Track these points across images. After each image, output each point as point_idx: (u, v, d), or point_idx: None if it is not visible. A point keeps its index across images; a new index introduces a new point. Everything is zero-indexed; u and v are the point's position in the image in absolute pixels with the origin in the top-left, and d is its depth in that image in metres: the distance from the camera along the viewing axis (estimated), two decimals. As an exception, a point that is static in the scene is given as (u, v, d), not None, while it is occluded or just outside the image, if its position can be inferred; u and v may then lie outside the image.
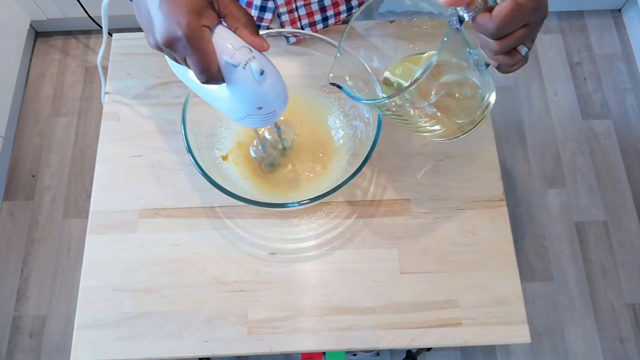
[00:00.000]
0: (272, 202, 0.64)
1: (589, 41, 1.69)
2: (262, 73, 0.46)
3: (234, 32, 0.47)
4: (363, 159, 0.59)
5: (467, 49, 0.49)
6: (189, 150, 0.59)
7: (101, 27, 0.64)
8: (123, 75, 0.76)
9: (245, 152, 0.69)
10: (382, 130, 0.60)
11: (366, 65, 0.60)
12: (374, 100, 0.50)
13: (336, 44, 0.58)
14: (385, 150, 0.71)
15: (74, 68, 1.67)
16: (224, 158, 0.68)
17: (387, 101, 0.48)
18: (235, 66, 0.46)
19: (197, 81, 0.48)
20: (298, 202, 0.58)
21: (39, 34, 1.72)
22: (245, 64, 0.46)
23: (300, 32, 0.68)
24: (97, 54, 0.65)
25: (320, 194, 0.58)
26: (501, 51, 0.44)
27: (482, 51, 0.47)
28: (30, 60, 1.69)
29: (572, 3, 1.71)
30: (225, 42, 0.46)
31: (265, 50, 0.48)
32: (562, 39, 1.69)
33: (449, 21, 0.44)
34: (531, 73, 1.64)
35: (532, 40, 0.45)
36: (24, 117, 1.60)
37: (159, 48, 0.46)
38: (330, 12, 0.74)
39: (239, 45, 0.46)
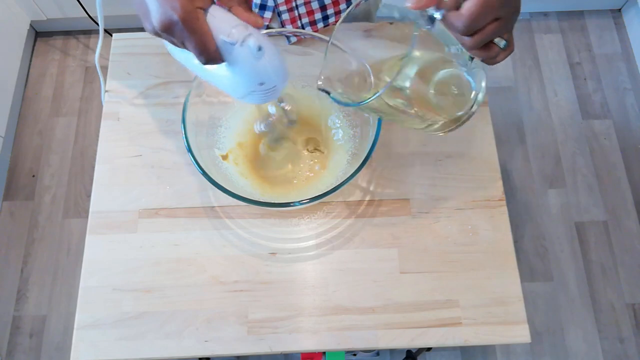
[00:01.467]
0: (272, 201, 0.64)
1: (589, 41, 1.69)
2: (260, 49, 0.46)
3: (228, 10, 0.47)
4: (363, 159, 0.59)
5: (448, 46, 0.49)
6: (189, 150, 0.59)
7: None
8: (123, 75, 0.76)
9: (245, 152, 0.69)
10: (382, 130, 0.60)
11: (366, 64, 0.60)
12: (357, 102, 0.49)
13: (337, 44, 0.58)
14: (385, 150, 0.71)
15: (74, 68, 1.67)
16: (224, 158, 0.68)
17: (379, 103, 0.48)
18: (232, 44, 0.46)
19: (198, 63, 0.48)
20: (298, 202, 0.58)
21: (39, 34, 1.72)
22: (242, 41, 0.46)
23: (301, 32, 0.68)
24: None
25: (320, 193, 0.58)
26: (475, 47, 0.45)
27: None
28: (30, 60, 1.69)
29: (572, 3, 1.71)
30: (221, 22, 0.46)
31: (260, 27, 0.48)
32: (562, 39, 1.69)
33: (416, 23, 0.44)
34: (531, 73, 1.64)
35: (509, 32, 0.46)
36: (24, 117, 1.60)
37: (156, 34, 0.46)
38: (330, 11, 0.74)
39: (235, 23, 0.46)
